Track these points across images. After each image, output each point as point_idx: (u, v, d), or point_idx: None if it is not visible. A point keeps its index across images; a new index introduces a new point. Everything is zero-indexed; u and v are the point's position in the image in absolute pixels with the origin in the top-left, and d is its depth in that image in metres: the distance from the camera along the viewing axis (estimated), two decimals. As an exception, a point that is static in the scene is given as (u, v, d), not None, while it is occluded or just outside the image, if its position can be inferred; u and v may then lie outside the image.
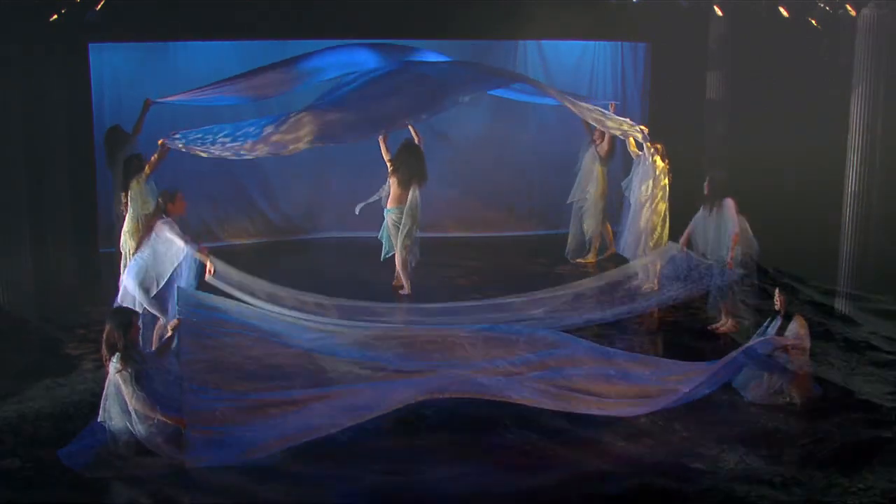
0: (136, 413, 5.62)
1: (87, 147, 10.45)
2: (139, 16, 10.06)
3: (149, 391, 5.65)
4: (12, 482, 5.40)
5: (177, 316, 6.33)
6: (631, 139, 9.11)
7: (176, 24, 10.31)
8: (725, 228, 8.21)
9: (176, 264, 6.91)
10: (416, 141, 9.41)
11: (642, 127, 9.06)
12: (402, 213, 9.20)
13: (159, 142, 7.54)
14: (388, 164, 9.34)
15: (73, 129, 10.17)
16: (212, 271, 6.85)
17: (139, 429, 5.63)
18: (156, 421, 5.61)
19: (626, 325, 8.58)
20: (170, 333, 6.25)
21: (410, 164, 9.22)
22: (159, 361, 6.00)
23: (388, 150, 9.33)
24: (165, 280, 6.92)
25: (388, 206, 9.36)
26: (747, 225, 8.34)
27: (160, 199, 7.20)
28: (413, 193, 9.20)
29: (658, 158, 9.05)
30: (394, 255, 9.45)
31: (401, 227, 9.22)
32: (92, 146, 10.52)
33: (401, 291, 9.45)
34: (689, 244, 8.50)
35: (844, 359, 7.81)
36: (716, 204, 8.32)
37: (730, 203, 8.25)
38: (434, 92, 8.14)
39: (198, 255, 6.90)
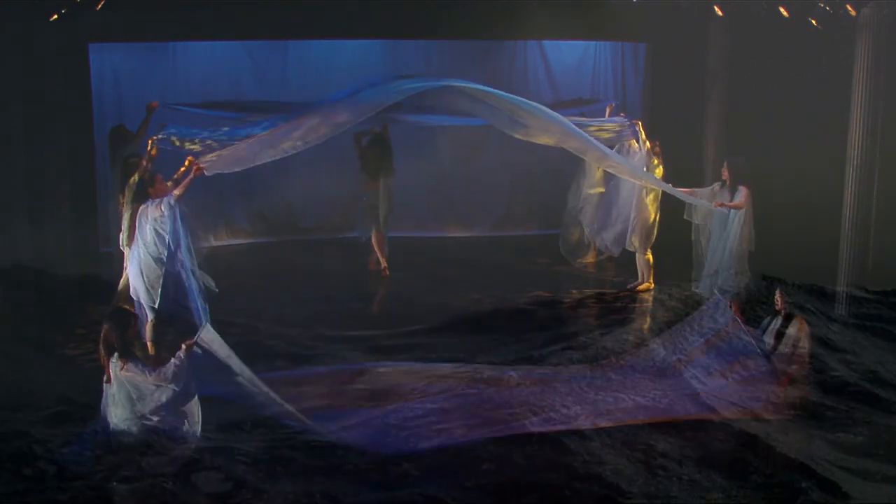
0: (151, 401, 5.66)
1: (87, 147, 10.45)
2: (139, 16, 10.06)
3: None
4: (13, 483, 5.40)
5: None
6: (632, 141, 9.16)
7: (176, 24, 10.31)
8: (735, 213, 8.27)
9: (166, 238, 6.86)
10: (384, 134, 9.86)
11: (637, 123, 9.19)
12: (375, 196, 9.83)
13: (150, 139, 7.55)
14: (358, 160, 9.91)
15: (73, 129, 10.18)
16: (200, 167, 6.74)
17: (148, 415, 5.68)
18: (166, 416, 5.66)
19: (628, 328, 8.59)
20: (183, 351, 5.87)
21: (377, 159, 9.77)
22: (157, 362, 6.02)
23: (359, 145, 9.86)
24: (164, 264, 6.90)
25: (363, 190, 9.97)
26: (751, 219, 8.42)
27: (140, 187, 7.23)
28: (383, 183, 9.81)
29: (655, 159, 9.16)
30: (369, 238, 10.06)
31: (379, 210, 9.83)
32: (92, 146, 10.53)
33: (384, 273, 9.99)
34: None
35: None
36: (733, 188, 8.37)
37: (744, 190, 8.28)
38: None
39: (177, 192, 6.84)
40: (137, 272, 7.02)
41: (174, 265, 6.92)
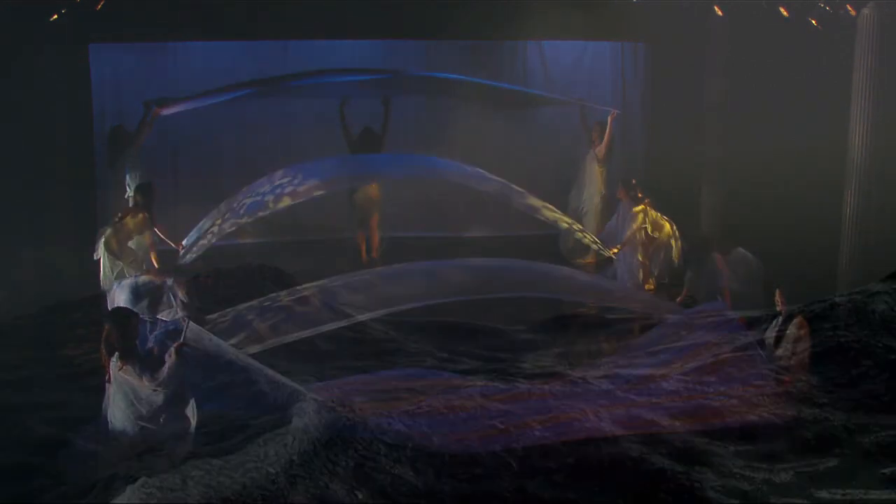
0: (147, 403, 5.64)
1: (87, 147, 10.46)
2: (139, 16, 10.07)
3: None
4: (13, 482, 5.41)
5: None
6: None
7: (176, 24, 10.32)
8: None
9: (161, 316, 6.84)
10: (381, 127, 10.18)
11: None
12: (366, 192, 10.20)
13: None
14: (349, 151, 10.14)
15: (73, 129, 10.18)
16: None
17: (146, 417, 5.66)
18: (163, 418, 5.64)
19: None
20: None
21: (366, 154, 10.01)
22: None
23: (349, 131, 10.16)
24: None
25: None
26: (745, 255, 8.48)
27: (201, 276, 7.29)
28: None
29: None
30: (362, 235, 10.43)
31: (363, 207, 10.31)
32: (92, 146, 10.53)
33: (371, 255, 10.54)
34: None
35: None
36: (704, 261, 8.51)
37: (717, 258, 8.42)
38: None
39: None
40: (127, 300, 7.01)
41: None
